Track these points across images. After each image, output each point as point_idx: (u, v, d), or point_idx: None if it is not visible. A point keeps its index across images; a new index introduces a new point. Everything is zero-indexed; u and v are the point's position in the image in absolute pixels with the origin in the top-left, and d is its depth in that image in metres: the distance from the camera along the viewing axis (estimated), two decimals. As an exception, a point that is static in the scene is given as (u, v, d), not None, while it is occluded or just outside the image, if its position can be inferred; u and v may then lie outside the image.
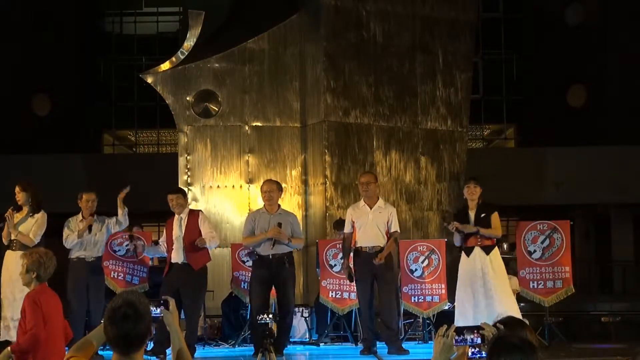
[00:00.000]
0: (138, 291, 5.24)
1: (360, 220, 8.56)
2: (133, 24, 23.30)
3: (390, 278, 8.65)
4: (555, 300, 9.19)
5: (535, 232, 9.21)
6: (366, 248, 8.53)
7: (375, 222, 8.51)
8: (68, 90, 20.94)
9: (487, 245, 8.32)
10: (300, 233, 8.62)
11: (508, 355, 2.89)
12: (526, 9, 22.67)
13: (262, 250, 8.34)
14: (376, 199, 8.69)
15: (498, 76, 22.76)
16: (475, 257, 8.28)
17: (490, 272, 8.26)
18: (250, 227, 8.44)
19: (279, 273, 8.32)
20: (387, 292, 8.58)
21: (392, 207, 8.86)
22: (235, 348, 9.48)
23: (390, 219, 8.58)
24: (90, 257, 8.51)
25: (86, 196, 8.59)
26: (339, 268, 9.48)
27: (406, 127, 11.53)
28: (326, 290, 9.61)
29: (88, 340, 3.44)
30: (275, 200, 8.49)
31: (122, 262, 9.49)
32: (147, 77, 11.47)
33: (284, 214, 8.51)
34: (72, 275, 8.48)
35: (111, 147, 23.30)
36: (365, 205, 8.64)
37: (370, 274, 8.52)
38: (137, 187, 16.29)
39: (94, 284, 8.47)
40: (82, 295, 8.40)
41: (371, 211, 8.58)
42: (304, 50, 11.48)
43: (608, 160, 18.02)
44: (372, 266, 8.44)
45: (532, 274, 9.17)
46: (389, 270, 8.58)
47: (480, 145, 23.75)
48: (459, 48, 11.94)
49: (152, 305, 3.40)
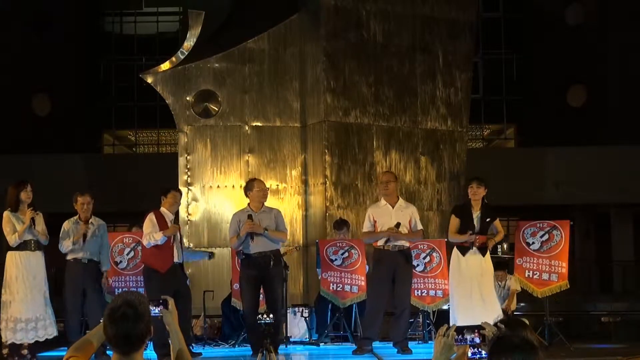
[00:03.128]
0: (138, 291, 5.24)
1: (383, 219, 8.50)
2: (133, 24, 23.31)
3: (410, 272, 8.66)
4: (548, 293, 9.15)
5: (534, 228, 9.21)
6: (389, 246, 8.48)
7: (398, 220, 8.48)
8: (68, 90, 20.96)
9: (483, 247, 8.33)
10: (283, 227, 8.51)
11: (509, 355, 2.88)
12: (526, 9, 22.68)
13: (247, 249, 8.32)
14: (396, 198, 8.67)
15: (498, 76, 22.77)
16: (472, 257, 8.28)
17: (484, 273, 8.26)
18: (235, 228, 8.39)
19: (266, 271, 8.26)
20: (404, 296, 8.57)
21: (413, 206, 8.85)
22: (235, 348, 9.47)
23: (413, 217, 8.58)
24: (85, 258, 8.41)
25: (81, 199, 8.41)
26: (339, 262, 9.46)
27: (406, 127, 11.53)
28: (327, 282, 9.56)
29: (87, 340, 3.43)
30: (264, 198, 8.48)
31: (124, 277, 9.38)
32: (147, 77, 11.46)
33: (267, 211, 8.45)
34: (69, 276, 8.41)
35: (111, 147, 23.30)
36: (387, 205, 8.59)
37: (391, 275, 8.48)
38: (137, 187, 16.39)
39: (90, 285, 8.36)
40: (77, 296, 8.33)
41: (393, 210, 8.54)
42: (304, 50, 11.48)
43: (608, 160, 18.03)
44: (394, 266, 8.44)
45: (529, 263, 9.15)
46: (409, 264, 8.62)
47: (480, 145, 23.76)
48: (459, 48, 11.94)
49: (152, 305, 3.39)
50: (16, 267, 8.15)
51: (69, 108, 20.74)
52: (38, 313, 8.14)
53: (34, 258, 8.20)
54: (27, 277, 8.16)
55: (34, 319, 8.11)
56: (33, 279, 8.16)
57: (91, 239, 8.41)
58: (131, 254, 9.50)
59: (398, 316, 8.57)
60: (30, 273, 8.16)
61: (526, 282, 9.18)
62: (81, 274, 8.36)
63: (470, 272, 8.24)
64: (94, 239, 8.44)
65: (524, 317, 8.64)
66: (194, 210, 11.05)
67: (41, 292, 8.20)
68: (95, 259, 8.45)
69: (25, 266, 8.16)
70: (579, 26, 20.77)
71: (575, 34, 20.84)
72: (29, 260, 8.17)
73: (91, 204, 8.45)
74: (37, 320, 8.13)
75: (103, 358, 7.13)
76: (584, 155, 18.29)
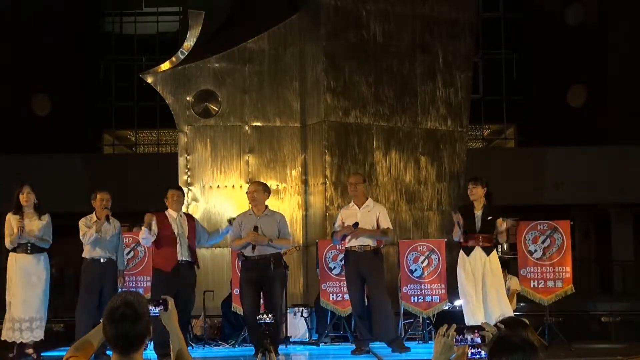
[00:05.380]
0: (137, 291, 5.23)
1: (349, 220, 8.58)
2: (133, 24, 23.32)
3: (379, 277, 8.63)
4: (554, 300, 9.20)
5: (535, 232, 9.22)
6: (356, 247, 8.55)
7: (363, 221, 8.52)
8: (68, 90, 20.96)
9: (487, 246, 8.33)
10: (287, 233, 8.50)
11: (509, 355, 2.88)
12: (526, 9, 22.68)
13: (247, 252, 8.32)
14: (364, 199, 8.72)
15: (498, 76, 22.77)
16: (476, 257, 8.29)
17: (489, 272, 8.27)
18: (237, 230, 8.41)
19: (266, 274, 8.25)
20: (376, 292, 8.56)
21: (381, 206, 8.90)
22: (235, 348, 9.47)
23: (379, 217, 8.60)
24: (103, 257, 8.43)
25: (100, 195, 8.46)
26: (338, 271, 9.50)
27: (406, 127, 11.53)
28: (326, 294, 9.61)
29: (87, 340, 3.43)
30: (259, 201, 8.41)
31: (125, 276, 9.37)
32: (147, 77, 11.46)
33: (270, 215, 8.44)
34: (85, 275, 8.43)
35: (111, 147, 23.31)
36: (354, 205, 8.71)
37: (360, 275, 8.56)
38: (137, 187, 16.38)
39: (108, 285, 8.39)
40: (93, 296, 8.32)
41: (359, 210, 8.63)
42: (304, 50, 11.48)
43: (608, 160, 18.03)
44: (361, 267, 8.51)
45: (533, 273, 9.18)
46: (378, 270, 8.62)
47: (480, 145, 23.76)
48: (459, 48, 11.93)
49: (151, 305, 3.39)
50: (12, 268, 8.30)
51: (69, 108, 20.74)
52: (31, 314, 8.19)
53: (28, 260, 8.25)
54: (22, 279, 8.25)
55: (28, 319, 8.19)
56: (27, 281, 8.22)
57: (110, 238, 8.46)
58: (131, 253, 9.53)
59: (376, 313, 8.56)
60: (24, 275, 8.24)
61: (532, 292, 9.19)
62: (99, 273, 8.40)
63: (476, 272, 8.25)
64: (112, 238, 8.50)
65: (524, 317, 8.64)
66: (194, 210, 11.04)
67: (36, 294, 8.23)
68: (113, 258, 8.51)
69: (20, 268, 8.27)
70: (579, 26, 20.77)
71: (575, 34, 20.83)
72: (23, 262, 8.27)
73: (110, 202, 8.48)
74: (31, 321, 8.19)
75: (103, 358, 7.13)
76: (584, 155, 18.29)
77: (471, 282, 8.27)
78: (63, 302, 11.74)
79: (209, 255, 10.87)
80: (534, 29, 22.19)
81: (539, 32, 21.92)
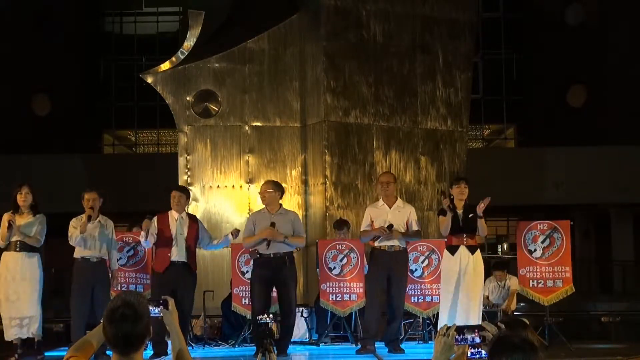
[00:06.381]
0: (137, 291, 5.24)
1: (379, 220, 8.56)
2: (133, 24, 23.33)
3: (403, 280, 8.68)
4: (554, 300, 9.17)
5: (535, 231, 9.20)
6: (385, 247, 8.54)
7: (393, 221, 8.51)
8: (68, 90, 20.98)
9: (472, 245, 8.32)
10: (301, 231, 8.54)
11: (509, 355, 2.88)
12: (526, 9, 22.69)
13: (261, 249, 8.32)
14: (394, 199, 8.72)
15: (498, 76, 22.79)
16: (460, 255, 8.28)
17: (471, 271, 8.23)
18: (251, 228, 8.42)
19: (280, 273, 8.28)
20: (399, 294, 8.61)
21: (411, 207, 8.88)
22: (235, 348, 9.47)
23: (410, 218, 8.61)
24: (94, 257, 8.40)
25: (87, 195, 8.42)
26: (338, 271, 9.48)
27: (406, 127, 11.52)
28: (326, 294, 9.59)
29: (87, 340, 3.43)
30: (271, 200, 8.42)
31: (124, 273, 9.35)
32: (147, 77, 11.46)
33: (284, 213, 8.47)
34: (77, 275, 8.41)
35: (111, 147, 23.32)
36: (384, 205, 8.66)
37: (386, 275, 8.53)
38: (137, 187, 16.39)
39: (99, 284, 8.37)
40: (85, 296, 8.30)
41: (390, 210, 8.60)
42: (304, 50, 11.48)
43: (608, 160, 18.04)
44: (389, 267, 8.49)
45: (533, 273, 9.15)
46: (404, 272, 8.67)
47: (480, 145, 23.77)
48: (459, 48, 11.93)
49: (151, 305, 3.39)
50: (2, 266, 8.33)
51: (69, 108, 20.75)
52: (22, 313, 8.22)
53: (17, 258, 8.29)
54: (7, 277, 8.28)
55: (18, 317, 8.24)
56: (12, 279, 8.24)
57: (101, 237, 8.42)
58: (131, 252, 9.52)
59: (391, 321, 8.64)
60: (10, 273, 8.26)
61: (532, 292, 9.16)
62: (90, 273, 8.36)
63: (458, 270, 8.23)
64: (103, 237, 8.45)
65: (524, 317, 8.64)
66: (193, 210, 11.02)
67: (26, 292, 8.25)
68: (104, 258, 8.48)
69: (8, 266, 8.30)
70: (579, 26, 20.78)
71: (575, 34, 20.85)
72: (11, 260, 8.30)
73: (97, 201, 8.43)
74: (22, 319, 8.21)
75: (103, 358, 7.12)
76: (584, 155, 18.30)
77: (449, 280, 8.26)
78: (63, 303, 11.74)
79: (209, 255, 10.86)
80: (534, 29, 22.20)
81: (539, 32, 21.93)
